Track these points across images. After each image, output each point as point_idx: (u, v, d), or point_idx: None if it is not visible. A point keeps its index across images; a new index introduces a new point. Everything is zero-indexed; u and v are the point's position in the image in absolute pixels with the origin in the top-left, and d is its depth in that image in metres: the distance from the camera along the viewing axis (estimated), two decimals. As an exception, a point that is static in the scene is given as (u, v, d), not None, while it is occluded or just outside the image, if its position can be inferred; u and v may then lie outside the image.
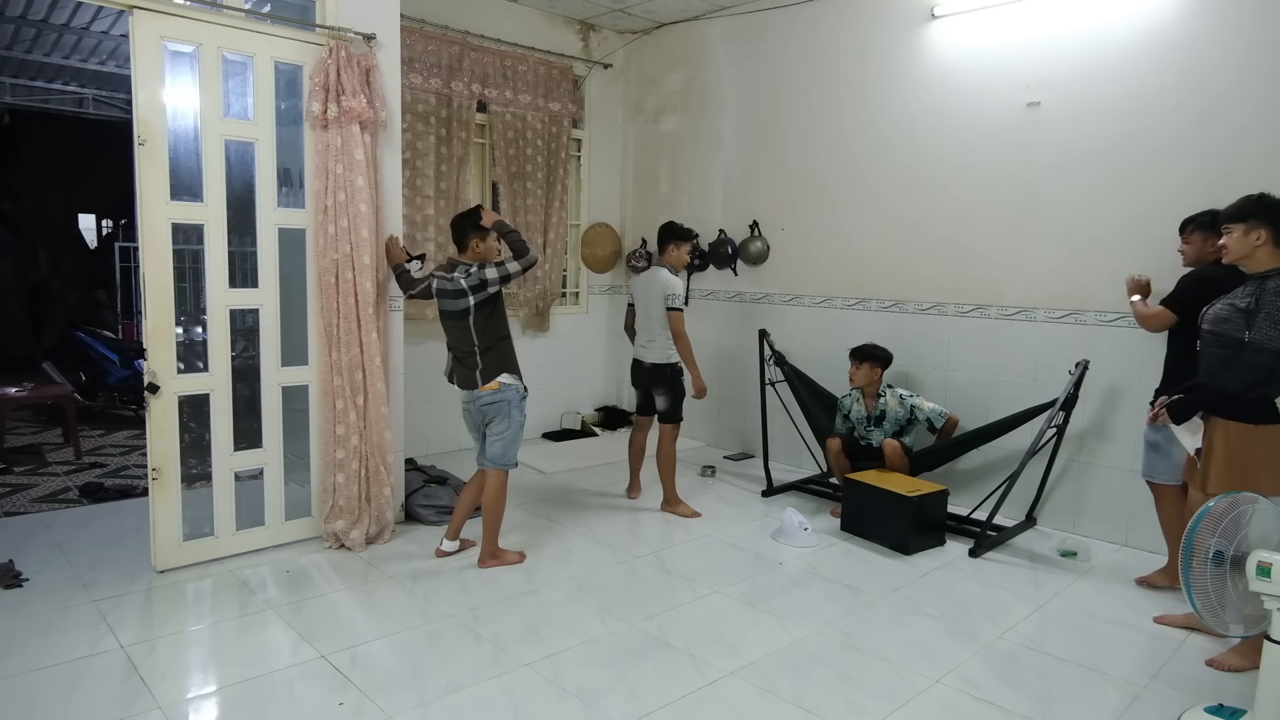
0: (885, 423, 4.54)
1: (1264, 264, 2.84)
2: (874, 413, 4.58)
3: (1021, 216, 4.43)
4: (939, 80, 4.76)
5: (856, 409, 4.66)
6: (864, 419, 4.61)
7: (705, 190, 6.13)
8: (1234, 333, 2.85)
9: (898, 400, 4.52)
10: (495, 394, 3.62)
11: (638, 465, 4.84)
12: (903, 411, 4.50)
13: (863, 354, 4.60)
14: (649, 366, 4.50)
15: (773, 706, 2.64)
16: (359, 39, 3.80)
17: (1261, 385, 2.82)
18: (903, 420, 4.51)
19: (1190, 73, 3.88)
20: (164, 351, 3.47)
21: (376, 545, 3.94)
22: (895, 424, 4.51)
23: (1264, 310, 2.77)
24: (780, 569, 3.81)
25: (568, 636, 3.07)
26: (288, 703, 2.59)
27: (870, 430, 4.58)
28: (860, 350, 4.61)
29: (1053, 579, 3.74)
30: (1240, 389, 2.82)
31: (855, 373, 4.56)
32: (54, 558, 3.69)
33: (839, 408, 4.80)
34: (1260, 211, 2.83)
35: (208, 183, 3.53)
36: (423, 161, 5.41)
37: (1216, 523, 2.40)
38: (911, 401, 4.51)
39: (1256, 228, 2.83)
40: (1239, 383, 2.82)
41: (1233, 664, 2.94)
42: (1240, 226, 2.87)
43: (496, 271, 3.62)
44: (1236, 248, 2.89)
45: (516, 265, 3.67)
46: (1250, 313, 2.81)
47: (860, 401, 4.64)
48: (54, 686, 2.64)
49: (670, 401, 4.51)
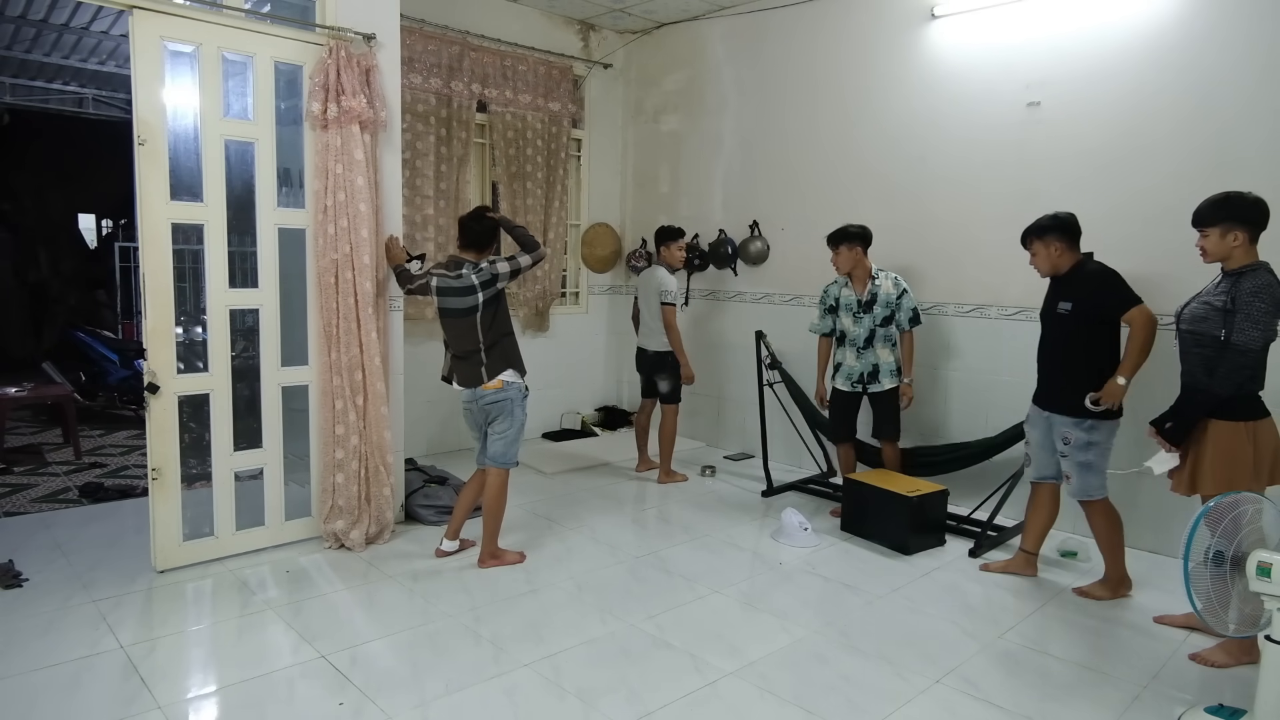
0: (876, 307, 4.33)
1: (1239, 261, 2.90)
2: (865, 296, 4.35)
3: (1021, 216, 4.37)
4: (939, 80, 4.76)
5: (846, 294, 4.41)
6: (854, 304, 4.37)
7: (705, 190, 6.13)
8: (1213, 331, 2.89)
9: (892, 283, 4.35)
10: (499, 393, 3.62)
11: (643, 441, 5.40)
12: (895, 293, 4.33)
13: (840, 236, 4.36)
14: (652, 354, 5.09)
15: (773, 706, 2.64)
16: (359, 39, 3.80)
17: (1250, 382, 2.89)
18: (892, 306, 4.32)
19: (1189, 72, 3.88)
20: (164, 351, 3.47)
21: (376, 545, 3.94)
22: (886, 307, 4.32)
23: (1240, 311, 2.81)
24: (780, 569, 3.81)
25: (568, 636, 3.07)
26: (288, 703, 2.59)
27: (859, 317, 4.36)
28: (837, 234, 4.37)
29: (1053, 579, 3.74)
30: (1231, 392, 2.87)
31: (838, 260, 4.36)
32: (54, 558, 3.69)
33: (821, 300, 4.54)
34: (1234, 212, 2.89)
35: (208, 183, 3.53)
36: (423, 161, 5.41)
37: (1216, 523, 2.40)
38: (905, 286, 4.37)
39: (1232, 229, 2.89)
40: (1228, 387, 2.86)
41: (1217, 660, 2.96)
42: (1215, 230, 2.92)
43: (508, 265, 3.63)
44: (1215, 250, 2.95)
45: (527, 259, 3.71)
46: (1228, 312, 2.85)
47: (850, 286, 4.41)
48: (54, 686, 2.64)
49: (670, 385, 5.07)
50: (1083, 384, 3.33)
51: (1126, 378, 3.23)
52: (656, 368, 5.07)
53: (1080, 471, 3.42)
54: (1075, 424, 3.38)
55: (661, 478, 5.18)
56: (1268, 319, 2.80)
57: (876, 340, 4.35)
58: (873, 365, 4.37)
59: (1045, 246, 3.45)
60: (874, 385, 4.39)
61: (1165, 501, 3.91)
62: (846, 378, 4.45)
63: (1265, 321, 2.80)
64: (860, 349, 4.38)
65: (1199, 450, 2.98)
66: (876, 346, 4.36)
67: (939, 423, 4.82)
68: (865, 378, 4.39)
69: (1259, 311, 2.79)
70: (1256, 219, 2.89)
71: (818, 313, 4.56)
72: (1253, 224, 2.89)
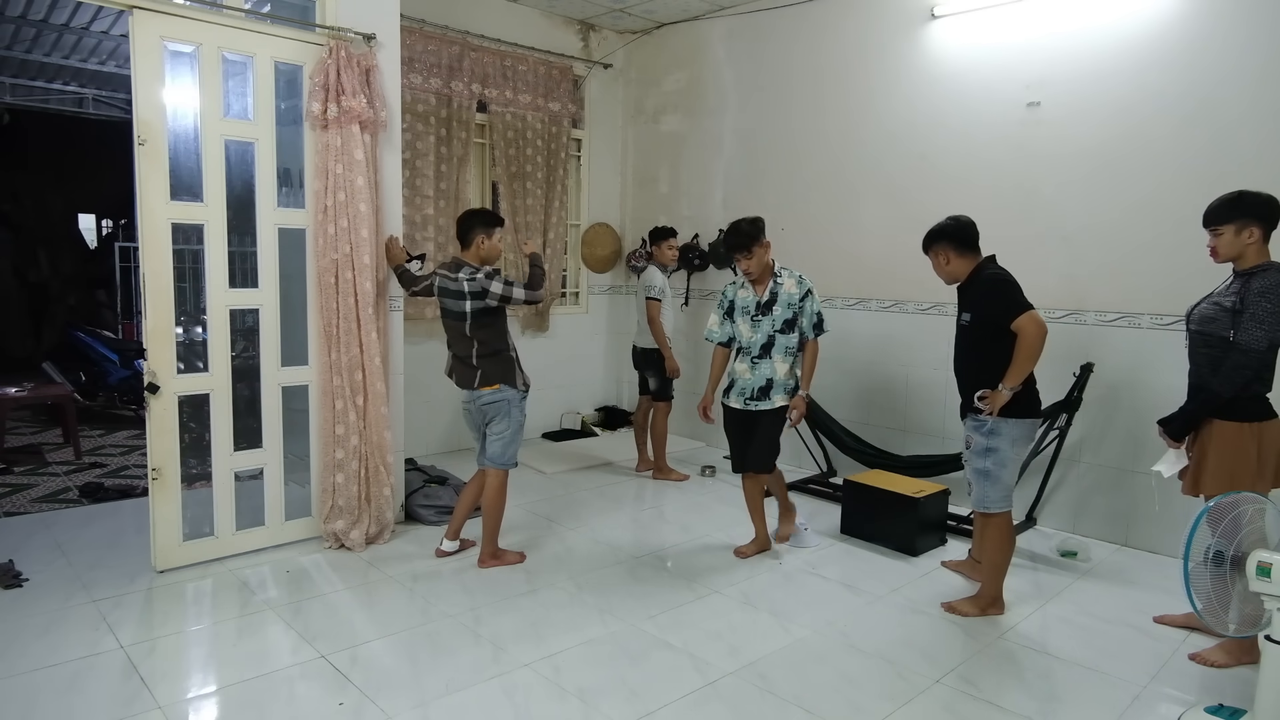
0: (776, 308, 3.75)
1: (1251, 260, 2.85)
2: (764, 297, 3.79)
3: (1021, 216, 4.42)
4: (939, 80, 4.76)
5: (743, 295, 3.83)
6: (751, 306, 3.79)
7: (705, 190, 6.13)
8: (1221, 332, 2.86)
9: (796, 282, 3.80)
10: (496, 394, 3.62)
11: (642, 440, 5.41)
12: (798, 293, 3.77)
13: (743, 238, 3.70)
14: (640, 350, 5.25)
15: (773, 706, 2.64)
16: (359, 39, 3.80)
17: (1255, 383, 2.84)
18: (795, 308, 3.75)
19: (1189, 72, 3.88)
20: (164, 351, 3.47)
21: (376, 545, 3.94)
22: (788, 309, 3.74)
23: (1249, 310, 2.78)
24: (780, 569, 3.81)
25: (568, 636, 3.07)
26: (288, 703, 2.59)
27: (756, 321, 3.77)
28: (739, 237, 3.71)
29: (1053, 579, 3.74)
30: (1232, 393, 2.83)
31: (748, 263, 3.74)
32: (54, 558, 3.69)
33: (719, 303, 3.94)
34: (1249, 210, 2.84)
35: (208, 183, 3.53)
36: (423, 161, 5.41)
37: (1216, 523, 2.40)
38: (810, 287, 3.82)
39: (1247, 226, 2.84)
40: (1229, 387, 2.83)
41: (1218, 660, 2.95)
42: (1230, 227, 2.87)
43: (500, 289, 3.55)
44: (1228, 249, 2.89)
45: (523, 293, 3.62)
46: (1236, 312, 2.81)
47: (748, 286, 3.83)
48: (54, 686, 2.64)
49: (658, 382, 5.16)
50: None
51: (1008, 387, 3.07)
52: (645, 363, 5.22)
53: (978, 480, 3.24)
54: (975, 428, 3.22)
55: (655, 474, 5.25)
56: (1273, 319, 2.75)
57: (775, 350, 3.73)
58: (766, 379, 3.73)
59: (934, 256, 3.34)
60: (762, 403, 3.75)
61: (1165, 502, 3.92)
62: (740, 393, 3.80)
63: (1270, 322, 2.75)
64: (755, 359, 3.75)
65: (1203, 451, 2.96)
66: (774, 357, 3.73)
67: (939, 425, 4.82)
68: (756, 394, 3.76)
69: (1264, 312, 2.75)
70: (1269, 216, 2.84)
71: (715, 318, 3.92)
72: (1267, 221, 2.84)
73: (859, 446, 4.92)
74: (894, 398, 5.06)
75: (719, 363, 3.94)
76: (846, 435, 5.00)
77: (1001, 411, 3.13)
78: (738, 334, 3.83)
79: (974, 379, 3.22)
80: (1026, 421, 3.22)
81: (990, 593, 3.34)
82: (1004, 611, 3.34)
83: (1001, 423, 3.16)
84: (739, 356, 3.83)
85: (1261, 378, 2.85)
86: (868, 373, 5.18)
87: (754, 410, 3.77)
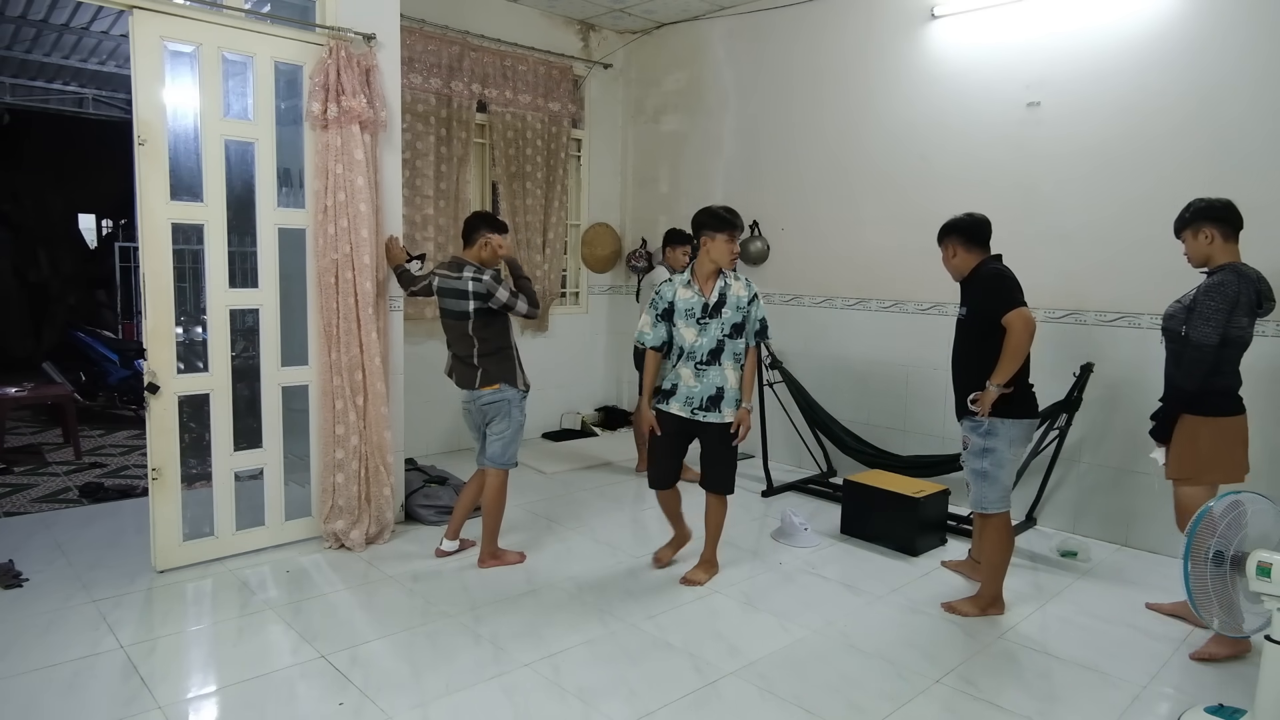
0: (726, 310, 3.41)
1: (1217, 261, 3.05)
2: (712, 298, 3.42)
3: (1021, 216, 4.42)
4: (939, 80, 4.76)
5: (686, 295, 3.42)
6: (696, 308, 3.42)
7: (705, 190, 6.12)
8: (1176, 328, 3.10)
9: (744, 285, 3.48)
10: (496, 394, 3.62)
11: (641, 442, 5.19)
12: (746, 296, 3.46)
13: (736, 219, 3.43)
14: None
15: (773, 706, 2.64)
16: (359, 39, 3.80)
17: (1215, 378, 3.00)
18: (744, 311, 3.45)
19: (1189, 72, 3.88)
20: (164, 351, 3.47)
21: (376, 545, 3.94)
22: (737, 312, 3.43)
23: (1197, 308, 2.99)
24: (780, 569, 3.81)
25: (568, 636, 3.07)
26: (288, 703, 2.59)
27: (704, 325, 3.41)
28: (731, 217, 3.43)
29: (1053, 579, 3.74)
30: (1194, 386, 3.01)
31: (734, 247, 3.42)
32: (54, 558, 3.69)
33: (653, 303, 3.48)
34: (1198, 214, 3.07)
35: (208, 183, 3.53)
36: (423, 161, 5.41)
37: (1216, 523, 2.40)
38: (755, 291, 3.51)
39: (1202, 229, 3.06)
40: (1190, 380, 3.02)
41: (1215, 653, 3.00)
42: (1188, 233, 3.12)
43: (505, 297, 3.56)
44: (1193, 252, 3.13)
45: (524, 307, 3.64)
46: (1190, 310, 3.03)
47: (692, 285, 3.44)
48: (54, 686, 2.64)
49: None
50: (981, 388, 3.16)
51: (995, 384, 3.08)
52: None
53: (975, 480, 3.24)
54: (971, 428, 3.23)
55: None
56: (1219, 316, 2.93)
57: (724, 356, 3.43)
58: (716, 388, 3.44)
59: (944, 249, 3.35)
60: (711, 415, 3.45)
61: (1165, 501, 3.92)
62: (685, 401, 3.46)
63: (1216, 319, 2.93)
64: (701, 365, 3.43)
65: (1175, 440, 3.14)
66: (724, 364, 3.44)
67: (939, 425, 4.82)
68: (705, 404, 3.45)
69: (1209, 309, 2.94)
70: (1225, 216, 3.02)
71: (647, 319, 3.51)
72: (1222, 221, 3.02)
73: (859, 446, 4.92)
74: (894, 398, 5.06)
75: (652, 369, 3.54)
76: (846, 435, 5.00)
77: (998, 412, 3.13)
78: (679, 338, 3.45)
79: (967, 374, 3.24)
80: (1023, 422, 3.23)
81: (990, 593, 3.34)
82: (1004, 611, 3.34)
83: (998, 423, 3.16)
84: (681, 362, 3.46)
85: (1222, 371, 3.02)
86: (868, 373, 5.18)
87: (701, 421, 3.48)
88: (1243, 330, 2.98)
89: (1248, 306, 2.96)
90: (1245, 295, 2.94)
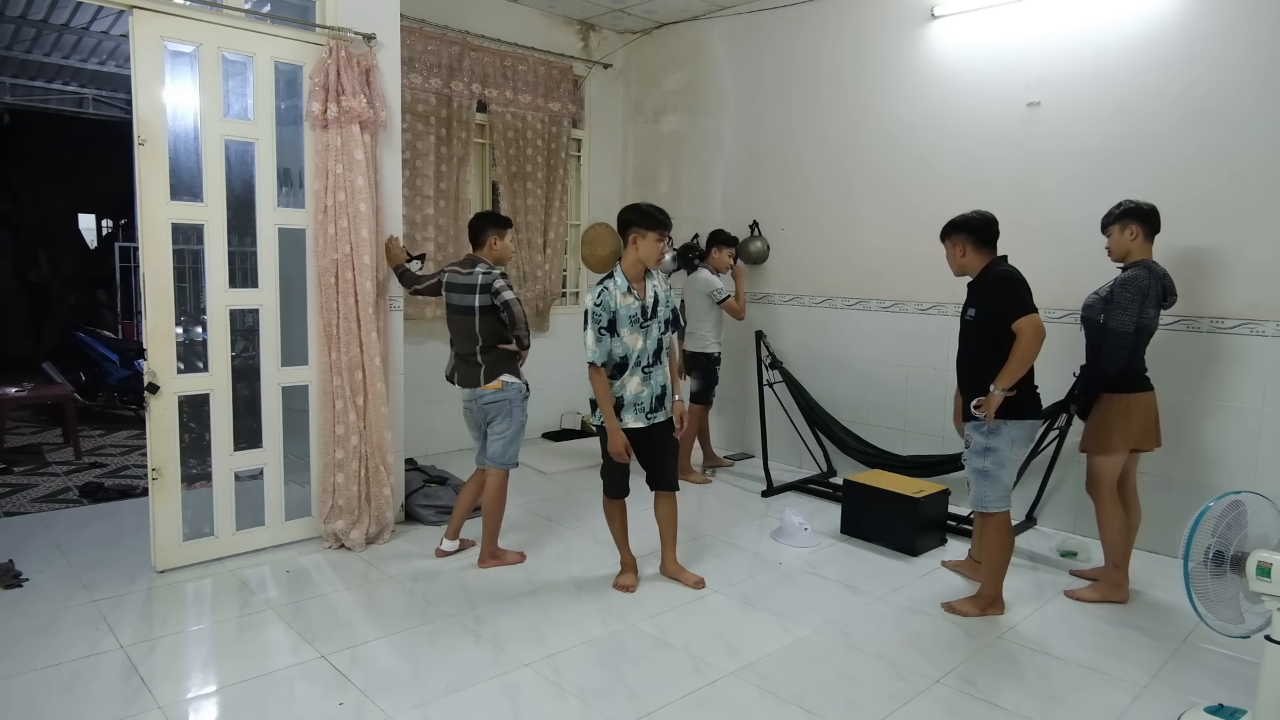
0: (660, 308, 3.42)
1: (1136, 256, 3.35)
2: (648, 300, 3.38)
3: (1021, 216, 4.41)
4: (939, 80, 4.76)
5: (627, 302, 3.34)
6: (637, 312, 3.35)
7: (705, 190, 6.13)
8: (1095, 317, 3.38)
9: (662, 279, 3.51)
10: (498, 393, 3.62)
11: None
12: (665, 289, 3.47)
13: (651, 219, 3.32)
14: (687, 353, 5.12)
15: (773, 706, 2.64)
16: (359, 39, 3.80)
17: (1127, 362, 3.32)
18: (671, 306, 3.48)
19: (1189, 72, 3.88)
20: (164, 351, 3.47)
21: (376, 545, 3.94)
22: (667, 308, 3.45)
23: (1115, 299, 3.26)
24: (780, 569, 3.81)
25: (568, 636, 3.07)
26: (288, 703, 2.59)
27: (645, 327, 3.37)
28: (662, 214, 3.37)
29: (1053, 579, 3.73)
30: (1116, 369, 3.30)
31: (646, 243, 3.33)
32: (54, 558, 3.69)
33: (595, 316, 3.33)
34: (1129, 211, 3.35)
35: (208, 183, 3.54)
36: (423, 161, 5.41)
37: (1216, 523, 2.40)
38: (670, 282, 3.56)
39: (1129, 225, 3.35)
40: (1111, 365, 3.30)
41: (1088, 597, 3.45)
42: (1115, 226, 3.38)
43: (508, 305, 3.58)
44: (1116, 246, 3.40)
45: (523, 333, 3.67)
46: (1108, 301, 3.31)
47: (631, 292, 3.36)
48: (54, 686, 2.64)
49: (700, 385, 5.16)
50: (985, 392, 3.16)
51: (1000, 388, 3.08)
52: (691, 365, 5.13)
53: (976, 479, 3.24)
54: (974, 427, 3.23)
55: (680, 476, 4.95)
56: (1133, 307, 3.23)
57: (662, 354, 3.46)
58: (661, 387, 3.44)
59: (951, 246, 3.33)
60: (659, 414, 3.43)
61: (1165, 501, 3.92)
62: (638, 411, 3.38)
63: (1131, 309, 3.23)
64: (648, 369, 3.39)
65: (1091, 415, 3.45)
66: (663, 361, 3.46)
67: (939, 425, 4.82)
68: (654, 405, 3.41)
69: (1125, 300, 3.24)
70: (1148, 217, 3.34)
71: (590, 335, 3.35)
72: (1146, 221, 3.33)
73: (859, 446, 4.92)
74: (894, 398, 5.06)
75: (606, 388, 3.36)
76: (846, 435, 5.00)
77: (1002, 412, 3.13)
78: (622, 347, 3.35)
79: (974, 376, 3.24)
80: (1026, 423, 3.24)
81: (990, 593, 3.35)
82: (1004, 611, 3.34)
83: (1001, 423, 3.16)
84: (629, 372, 3.37)
85: (1135, 356, 3.34)
86: (868, 373, 5.18)
87: (654, 423, 3.43)
88: (1149, 320, 3.30)
89: (1156, 299, 3.29)
90: (1154, 289, 3.26)
